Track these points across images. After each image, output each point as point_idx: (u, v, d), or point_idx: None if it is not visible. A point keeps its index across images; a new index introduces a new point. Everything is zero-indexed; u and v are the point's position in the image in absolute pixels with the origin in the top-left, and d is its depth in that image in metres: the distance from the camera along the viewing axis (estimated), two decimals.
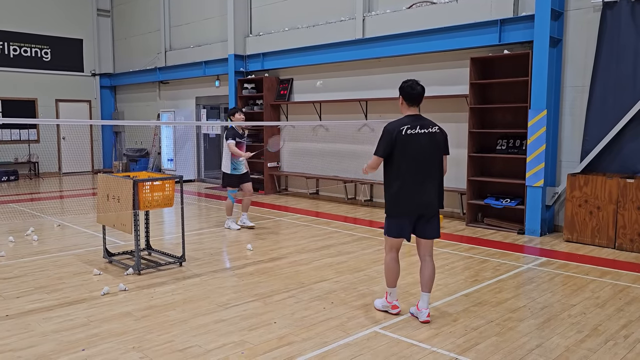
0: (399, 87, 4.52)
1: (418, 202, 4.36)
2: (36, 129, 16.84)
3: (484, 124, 8.93)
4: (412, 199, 4.35)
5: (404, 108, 4.52)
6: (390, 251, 4.58)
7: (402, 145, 4.31)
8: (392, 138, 4.32)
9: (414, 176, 4.32)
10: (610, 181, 7.28)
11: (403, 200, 4.37)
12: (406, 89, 4.45)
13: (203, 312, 4.76)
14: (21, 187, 14.27)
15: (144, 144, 17.45)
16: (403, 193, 4.35)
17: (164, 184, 6.06)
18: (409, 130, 4.32)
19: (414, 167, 4.33)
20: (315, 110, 11.93)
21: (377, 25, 10.47)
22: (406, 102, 4.47)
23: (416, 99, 4.45)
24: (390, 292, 4.65)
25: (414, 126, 4.34)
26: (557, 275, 5.98)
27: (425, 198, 4.38)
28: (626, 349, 4.01)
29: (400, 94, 4.50)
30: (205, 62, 14.28)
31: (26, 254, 6.86)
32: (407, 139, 4.31)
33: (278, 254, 6.91)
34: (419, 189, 4.35)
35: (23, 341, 4.11)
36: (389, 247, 4.59)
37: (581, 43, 7.97)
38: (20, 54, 16.56)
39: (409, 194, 4.34)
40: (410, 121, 4.38)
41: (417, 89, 4.43)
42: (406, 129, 4.32)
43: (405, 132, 4.31)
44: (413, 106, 4.47)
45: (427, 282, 4.53)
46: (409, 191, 4.34)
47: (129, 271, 5.95)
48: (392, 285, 4.62)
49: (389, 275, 4.60)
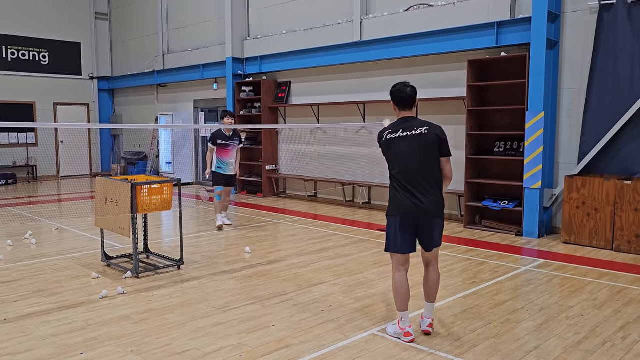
0: (390, 92, 4.36)
1: (409, 208, 4.10)
2: (34, 132, 16.82)
3: (481, 126, 8.95)
4: (404, 205, 4.12)
5: (396, 112, 4.36)
6: (397, 269, 4.22)
7: (387, 150, 4.23)
8: (380, 143, 4.30)
9: (402, 181, 4.14)
10: (608, 183, 7.30)
11: (395, 204, 4.20)
12: (395, 93, 4.29)
13: (201, 315, 4.76)
14: (19, 190, 14.25)
15: (142, 147, 17.45)
16: (395, 198, 4.20)
17: (162, 187, 6.06)
18: (389, 135, 4.20)
19: (401, 171, 4.15)
20: (313, 112, 11.95)
21: (374, 28, 10.50)
22: (397, 106, 4.30)
23: (406, 102, 4.25)
24: (402, 317, 4.20)
25: (395, 130, 4.19)
26: (555, 277, 5.99)
27: (417, 204, 4.09)
28: (624, 350, 4.02)
29: (391, 99, 4.35)
30: (203, 65, 14.30)
31: (24, 258, 6.86)
32: (389, 144, 4.20)
33: (276, 257, 6.91)
34: (410, 195, 4.11)
35: (21, 345, 4.11)
36: (395, 264, 4.25)
37: (578, 45, 8.00)
38: (18, 57, 16.56)
39: (400, 199, 4.15)
40: (395, 125, 4.23)
41: (406, 92, 4.23)
42: (387, 133, 4.22)
43: (386, 137, 4.22)
44: (404, 110, 4.28)
45: (430, 292, 4.33)
46: (400, 196, 4.16)
47: (128, 274, 5.95)
48: (403, 308, 4.19)
49: (398, 297, 4.20)
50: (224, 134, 8.70)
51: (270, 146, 12.75)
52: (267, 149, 12.69)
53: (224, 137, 8.69)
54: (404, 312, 4.18)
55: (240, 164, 13.16)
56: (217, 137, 8.68)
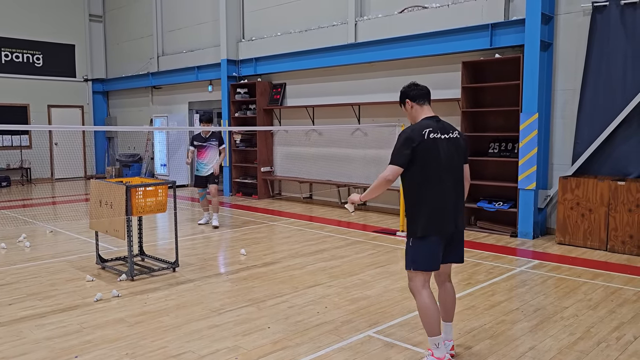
0: (402, 92, 3.89)
1: (450, 219, 3.65)
2: (28, 135, 16.76)
3: (476, 128, 8.98)
4: (444, 216, 3.62)
5: (415, 112, 3.82)
6: (424, 288, 3.63)
7: (427, 152, 3.57)
8: (413, 144, 3.56)
9: (443, 190, 3.62)
10: (602, 184, 7.33)
11: (435, 218, 3.60)
12: (409, 88, 3.85)
13: (196, 317, 4.75)
14: (13, 193, 14.19)
15: (137, 150, 17.40)
16: (434, 209, 3.60)
17: (157, 189, 6.04)
18: (433, 134, 3.60)
19: (442, 178, 3.61)
20: (308, 114, 11.95)
21: (369, 29, 10.52)
22: (417, 102, 3.81)
23: (425, 95, 3.83)
24: (438, 343, 3.58)
25: (436, 130, 3.63)
26: (550, 278, 6.01)
27: (456, 214, 3.70)
28: (618, 350, 4.04)
29: (407, 98, 3.85)
30: (198, 67, 14.28)
31: (18, 261, 6.83)
32: (434, 144, 3.59)
33: (272, 259, 6.90)
34: (450, 204, 3.65)
35: (15, 349, 4.09)
36: (421, 283, 3.63)
37: (571, 47, 8.04)
38: (12, 59, 16.50)
39: (441, 211, 3.61)
40: (432, 124, 3.67)
41: (422, 86, 3.87)
42: (429, 132, 3.59)
43: (429, 136, 3.58)
44: (425, 104, 3.82)
45: (450, 311, 3.87)
46: (440, 207, 3.61)
47: (122, 277, 5.93)
48: (438, 332, 3.59)
49: (432, 321, 3.57)
50: (201, 136, 9.10)
51: (265, 148, 12.75)
52: (262, 151, 12.68)
53: (200, 139, 9.08)
54: (438, 337, 3.59)
55: (235, 165, 13.23)
56: (194, 139, 9.13)
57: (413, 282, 3.68)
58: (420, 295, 3.62)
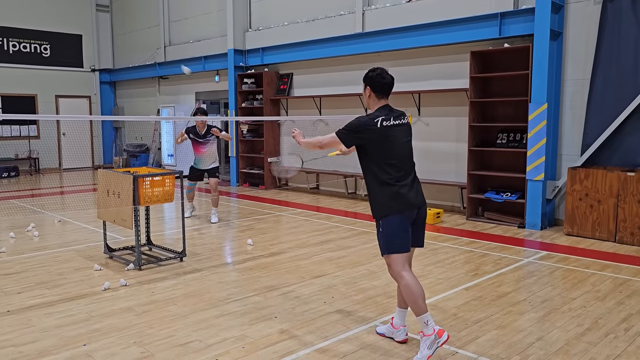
0: (365, 77, 3.87)
1: (413, 202, 3.72)
2: (36, 125, 16.83)
3: (484, 118, 8.92)
4: (407, 199, 3.69)
5: (372, 102, 3.87)
6: (405, 269, 3.70)
7: (383, 139, 3.70)
8: (364, 132, 3.71)
9: (400, 173, 3.72)
10: (611, 174, 7.27)
11: (397, 200, 3.68)
12: (375, 78, 3.81)
13: (204, 307, 4.77)
14: (22, 183, 14.28)
15: (144, 140, 17.44)
16: (394, 192, 3.68)
17: (164, 179, 6.05)
18: (385, 122, 3.71)
19: (401, 162, 3.74)
20: (315, 104, 11.92)
21: (376, 19, 10.44)
22: (375, 94, 3.83)
23: (387, 90, 3.84)
24: (427, 320, 3.62)
25: (388, 117, 3.73)
26: (558, 269, 5.98)
27: (417, 196, 3.77)
28: (626, 342, 4.02)
29: (368, 85, 3.85)
30: (205, 57, 14.26)
31: (27, 250, 6.87)
32: (387, 132, 3.71)
33: (278, 249, 6.91)
34: (410, 188, 3.73)
35: (24, 336, 4.12)
36: (401, 265, 3.69)
37: (582, 36, 7.95)
38: (20, 49, 16.54)
39: (402, 193, 3.69)
40: (385, 112, 3.77)
41: (388, 78, 3.82)
42: (381, 120, 3.70)
43: (382, 124, 3.69)
44: (384, 98, 3.85)
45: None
46: (400, 190, 3.69)
47: (130, 266, 5.96)
48: (425, 309, 3.64)
49: (417, 299, 3.62)
50: (197, 132, 8.64)
51: (272, 138, 12.73)
52: (269, 141, 12.67)
53: (196, 134, 8.64)
54: (427, 314, 3.64)
55: (242, 156, 13.23)
56: (190, 132, 8.68)
57: (392, 268, 3.74)
58: (403, 278, 3.68)
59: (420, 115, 9.96)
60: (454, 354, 3.79)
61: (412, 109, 9.94)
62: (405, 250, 3.71)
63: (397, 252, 3.69)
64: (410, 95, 9.94)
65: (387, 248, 3.71)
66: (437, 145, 9.79)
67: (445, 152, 9.68)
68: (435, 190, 9.82)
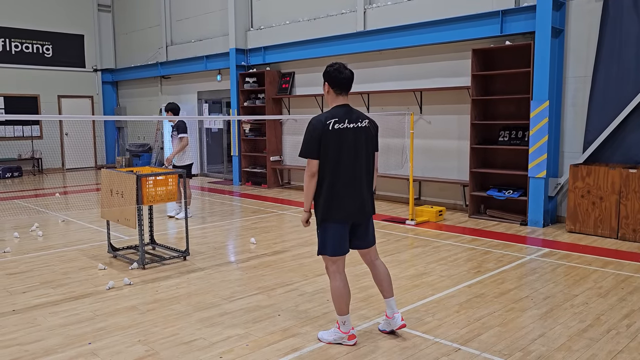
0: (324, 72, 3.83)
1: (351, 207, 3.75)
2: (39, 125, 16.87)
3: (486, 116, 8.93)
4: (344, 204, 3.73)
5: (330, 98, 3.84)
6: (337, 273, 3.85)
7: (331, 142, 3.66)
8: (318, 134, 3.67)
9: (344, 178, 3.71)
10: (613, 171, 7.27)
11: (336, 205, 3.73)
12: (332, 73, 3.78)
13: (207, 305, 4.80)
14: (25, 183, 14.32)
15: (146, 139, 17.47)
16: (335, 197, 3.71)
17: (167, 178, 6.08)
18: (337, 125, 3.68)
19: (344, 167, 3.70)
20: (317, 103, 11.93)
21: (378, 17, 10.45)
22: (333, 89, 3.80)
23: (345, 85, 3.80)
24: (344, 321, 3.88)
25: (342, 120, 3.71)
26: (560, 266, 5.99)
27: (358, 203, 3.79)
28: (628, 338, 4.03)
29: (326, 80, 3.82)
30: (207, 57, 14.27)
31: (31, 250, 6.91)
32: (337, 135, 3.67)
33: (281, 247, 6.94)
34: (350, 193, 3.74)
35: (30, 335, 4.16)
36: (334, 269, 3.84)
37: (583, 33, 7.95)
38: (22, 50, 16.57)
39: (341, 198, 3.72)
40: (340, 114, 3.75)
41: (346, 73, 3.79)
42: (333, 122, 3.68)
43: (332, 127, 3.67)
44: (342, 94, 3.82)
45: (387, 287, 4.03)
46: (339, 194, 3.71)
47: (134, 265, 5.99)
48: (346, 312, 3.87)
49: (341, 302, 3.83)
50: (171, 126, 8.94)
51: (274, 137, 12.76)
52: (272, 140, 12.70)
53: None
54: (346, 316, 3.88)
55: (244, 155, 13.26)
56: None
57: (327, 267, 3.91)
58: (334, 279, 3.86)
59: (422, 114, 9.97)
60: (456, 351, 3.81)
61: (414, 107, 9.95)
62: (339, 254, 3.83)
63: (332, 255, 3.82)
64: (412, 94, 9.95)
65: (321, 249, 3.86)
66: (439, 143, 9.81)
67: (447, 150, 9.70)
68: (438, 188, 9.84)
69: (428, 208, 8.70)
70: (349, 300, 3.88)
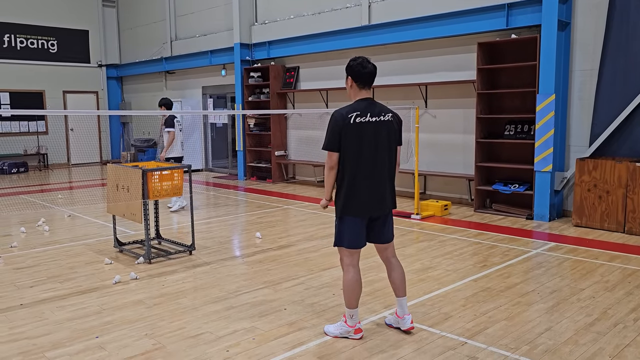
0: (347, 67, 3.83)
1: (370, 201, 3.79)
2: (45, 120, 16.93)
3: (491, 110, 8.89)
4: (364, 198, 3.76)
5: (353, 92, 3.84)
6: (351, 267, 3.89)
7: (351, 136, 3.69)
8: (339, 127, 3.69)
9: (364, 171, 3.74)
10: (620, 165, 7.24)
11: (354, 199, 3.77)
12: (356, 67, 3.77)
13: (214, 299, 4.81)
14: (31, 178, 14.38)
15: (151, 134, 17.50)
16: (354, 190, 3.75)
17: (173, 173, 6.09)
18: (359, 119, 3.69)
19: (364, 160, 3.73)
20: (322, 97, 11.91)
21: (383, 11, 10.41)
22: (357, 83, 3.80)
23: (368, 80, 3.78)
24: (352, 315, 3.91)
25: (364, 113, 3.71)
26: (566, 260, 5.97)
27: (378, 197, 3.81)
28: (635, 331, 4.02)
29: (349, 75, 3.81)
30: (211, 52, 14.27)
31: (38, 244, 6.94)
32: (357, 128, 3.68)
33: (287, 242, 6.94)
34: (370, 186, 3.76)
35: (38, 329, 4.18)
36: (348, 262, 3.88)
37: (590, 26, 7.89)
38: (27, 45, 16.60)
39: (360, 191, 3.75)
40: (362, 107, 3.74)
41: (369, 67, 3.77)
42: (355, 116, 3.69)
43: (354, 121, 3.68)
44: (365, 88, 3.81)
45: (400, 286, 4.03)
46: (359, 188, 3.75)
47: (140, 260, 6.01)
48: (355, 306, 3.90)
49: (352, 296, 3.88)
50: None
51: (279, 132, 12.75)
52: (276, 135, 12.69)
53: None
54: (355, 310, 3.92)
55: (249, 149, 13.27)
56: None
57: (341, 259, 3.95)
58: (347, 272, 3.90)
59: (427, 108, 9.94)
60: (463, 344, 3.81)
61: (419, 101, 9.92)
62: (356, 247, 3.88)
63: (349, 247, 3.87)
64: (417, 87, 9.91)
65: (338, 241, 3.92)
66: (444, 137, 9.78)
67: (452, 144, 9.67)
68: (443, 182, 9.82)
69: (433, 202, 8.69)
70: (359, 294, 3.91)
